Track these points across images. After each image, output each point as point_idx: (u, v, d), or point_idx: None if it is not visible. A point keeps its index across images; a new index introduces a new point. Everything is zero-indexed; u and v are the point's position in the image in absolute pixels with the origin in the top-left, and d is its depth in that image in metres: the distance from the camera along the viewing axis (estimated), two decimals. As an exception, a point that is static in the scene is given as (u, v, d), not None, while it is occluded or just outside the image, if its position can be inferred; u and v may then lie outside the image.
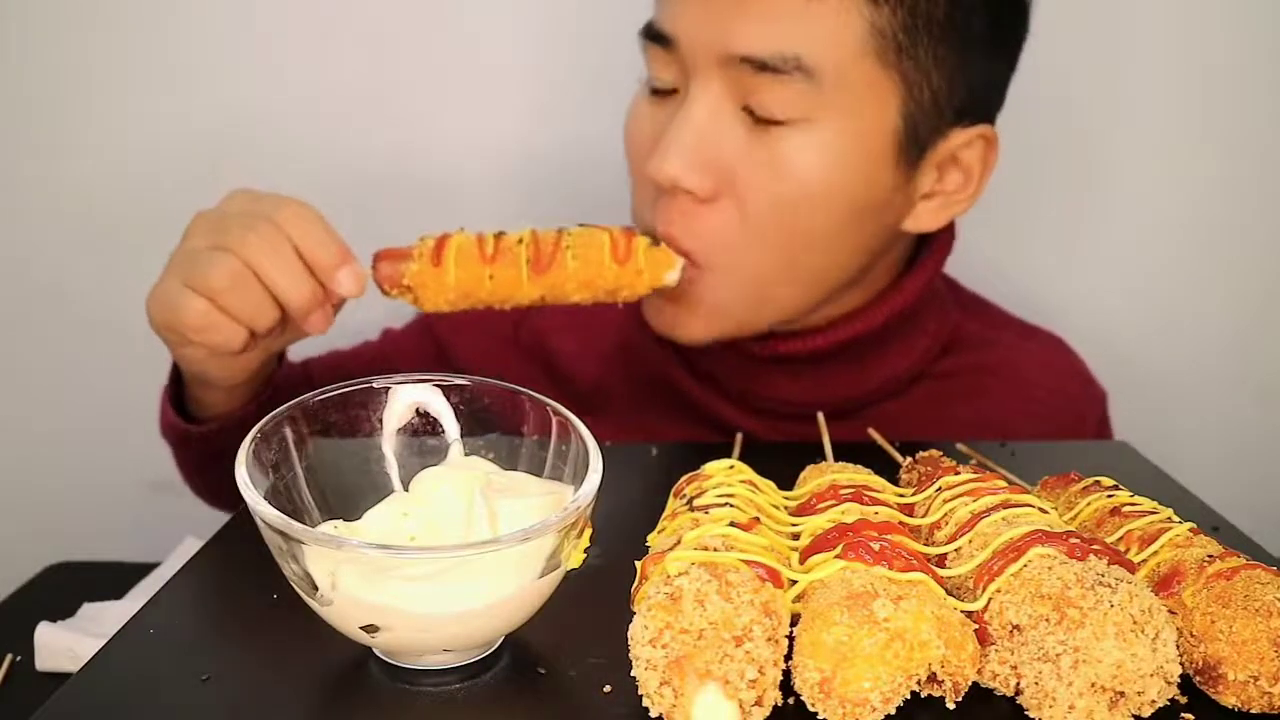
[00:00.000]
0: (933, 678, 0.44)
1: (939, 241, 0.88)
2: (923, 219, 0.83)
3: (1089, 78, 1.15)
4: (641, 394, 0.95)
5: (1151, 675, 0.43)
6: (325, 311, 0.73)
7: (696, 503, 0.52)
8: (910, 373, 0.90)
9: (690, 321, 0.81)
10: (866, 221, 0.80)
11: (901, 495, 0.58)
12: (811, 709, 0.43)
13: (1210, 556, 0.49)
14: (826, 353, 0.86)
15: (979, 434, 0.91)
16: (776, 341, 0.86)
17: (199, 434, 0.83)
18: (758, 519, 0.51)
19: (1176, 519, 0.54)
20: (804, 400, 0.87)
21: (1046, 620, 0.44)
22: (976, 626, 0.46)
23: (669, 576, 0.45)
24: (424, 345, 1.00)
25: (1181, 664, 0.45)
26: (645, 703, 0.43)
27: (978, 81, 0.80)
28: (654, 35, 0.79)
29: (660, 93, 0.81)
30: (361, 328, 1.01)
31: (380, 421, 0.55)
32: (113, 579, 0.84)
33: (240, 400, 0.82)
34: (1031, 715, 0.44)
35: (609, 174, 0.89)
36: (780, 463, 0.62)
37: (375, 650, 0.49)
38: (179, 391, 0.85)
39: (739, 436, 0.70)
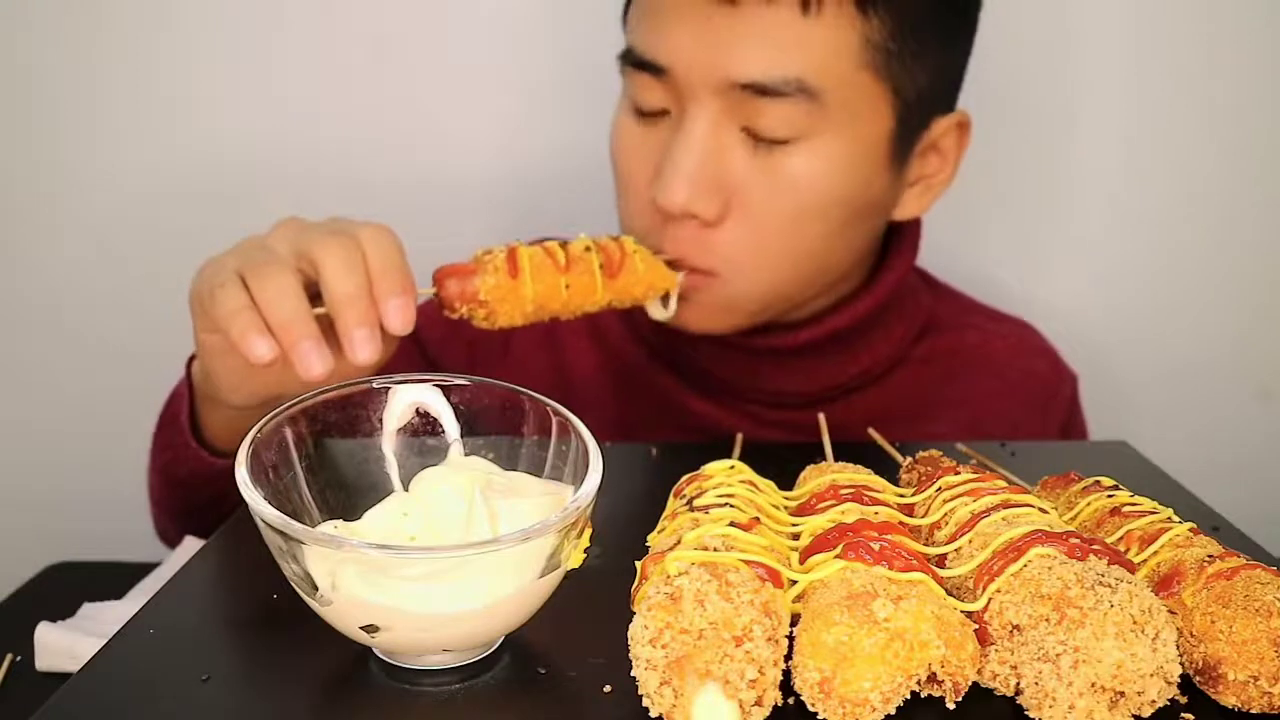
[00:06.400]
0: (933, 678, 0.44)
1: (910, 233, 0.91)
2: (909, 206, 0.87)
3: (1086, 81, 1.15)
4: (628, 399, 0.95)
5: (1151, 675, 0.43)
6: (372, 335, 0.65)
7: (696, 503, 0.52)
8: (891, 359, 0.93)
9: (706, 318, 0.83)
10: (864, 220, 0.83)
11: (901, 495, 0.58)
12: (811, 709, 0.43)
13: (1210, 556, 0.49)
14: (816, 344, 0.89)
15: (957, 415, 0.94)
16: (772, 336, 0.88)
17: (215, 470, 0.78)
18: (758, 519, 0.51)
19: (1176, 519, 0.54)
20: (791, 390, 0.91)
21: (1046, 620, 0.44)
22: (976, 626, 0.46)
23: (669, 576, 0.44)
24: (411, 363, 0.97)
25: (1181, 664, 0.44)
26: (645, 703, 0.43)
27: (953, 73, 0.84)
28: (642, 64, 0.78)
29: (646, 113, 0.80)
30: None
31: (380, 421, 0.55)
32: (113, 579, 0.84)
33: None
34: (1031, 715, 0.44)
35: (597, 183, 0.90)
36: (780, 463, 0.62)
37: (375, 650, 0.49)
38: (175, 431, 0.79)
39: (739, 437, 0.70)
